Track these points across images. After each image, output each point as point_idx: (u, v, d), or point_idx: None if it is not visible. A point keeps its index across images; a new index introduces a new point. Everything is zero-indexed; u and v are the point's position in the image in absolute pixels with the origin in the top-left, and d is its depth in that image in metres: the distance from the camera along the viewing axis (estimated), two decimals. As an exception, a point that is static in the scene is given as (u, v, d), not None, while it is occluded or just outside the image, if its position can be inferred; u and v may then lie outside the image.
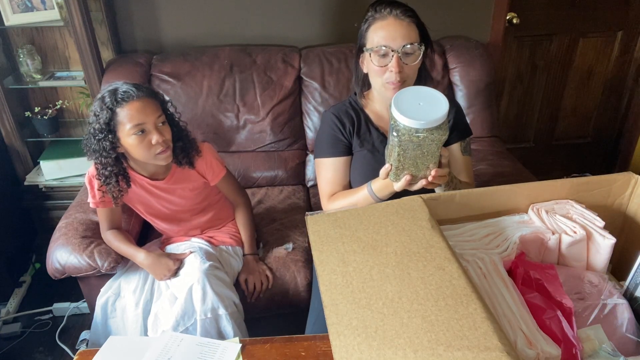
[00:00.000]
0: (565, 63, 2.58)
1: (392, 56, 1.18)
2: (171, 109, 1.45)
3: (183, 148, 1.46)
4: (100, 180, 1.40)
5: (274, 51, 2.08)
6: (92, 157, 1.39)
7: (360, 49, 1.28)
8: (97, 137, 1.33)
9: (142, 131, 1.33)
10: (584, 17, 2.46)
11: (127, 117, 1.31)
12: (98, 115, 1.32)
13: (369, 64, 1.24)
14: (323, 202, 1.37)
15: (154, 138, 1.34)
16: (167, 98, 1.49)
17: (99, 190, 1.44)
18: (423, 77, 1.30)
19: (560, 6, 2.41)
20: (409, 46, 1.18)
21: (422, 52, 1.21)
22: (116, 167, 1.39)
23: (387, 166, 1.08)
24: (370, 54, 1.21)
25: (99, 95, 1.35)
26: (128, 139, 1.33)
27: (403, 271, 0.78)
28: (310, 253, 1.67)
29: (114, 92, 1.32)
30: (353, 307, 0.73)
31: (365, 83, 1.34)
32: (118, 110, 1.31)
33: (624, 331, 0.85)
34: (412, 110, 0.95)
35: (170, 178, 1.49)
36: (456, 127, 1.36)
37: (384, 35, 1.19)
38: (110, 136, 1.33)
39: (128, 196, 1.49)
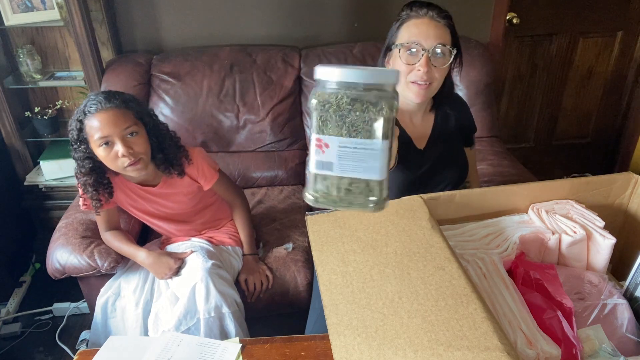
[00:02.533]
0: (565, 63, 2.58)
1: (422, 55, 1.14)
2: (154, 119, 1.41)
3: (165, 159, 1.42)
4: (80, 188, 1.41)
5: (274, 51, 2.08)
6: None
7: (388, 48, 1.22)
8: (73, 147, 1.34)
9: (107, 143, 1.31)
10: (584, 17, 2.46)
11: (93, 129, 1.30)
12: (71, 126, 1.32)
13: (396, 61, 1.18)
14: None
15: (120, 150, 1.31)
16: (147, 108, 1.43)
17: (81, 196, 1.44)
18: (448, 87, 1.26)
19: (560, 6, 2.41)
20: (440, 47, 1.14)
21: (452, 57, 1.17)
22: (91, 177, 1.37)
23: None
24: (399, 49, 1.16)
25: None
26: (97, 150, 1.32)
27: (403, 271, 0.78)
28: (310, 253, 1.67)
29: (87, 101, 1.31)
30: (353, 307, 0.73)
31: None
32: (86, 121, 1.30)
33: (624, 331, 0.85)
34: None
35: (164, 184, 1.48)
36: (467, 127, 1.36)
37: (417, 32, 1.15)
38: (82, 147, 1.33)
39: (120, 200, 1.49)
